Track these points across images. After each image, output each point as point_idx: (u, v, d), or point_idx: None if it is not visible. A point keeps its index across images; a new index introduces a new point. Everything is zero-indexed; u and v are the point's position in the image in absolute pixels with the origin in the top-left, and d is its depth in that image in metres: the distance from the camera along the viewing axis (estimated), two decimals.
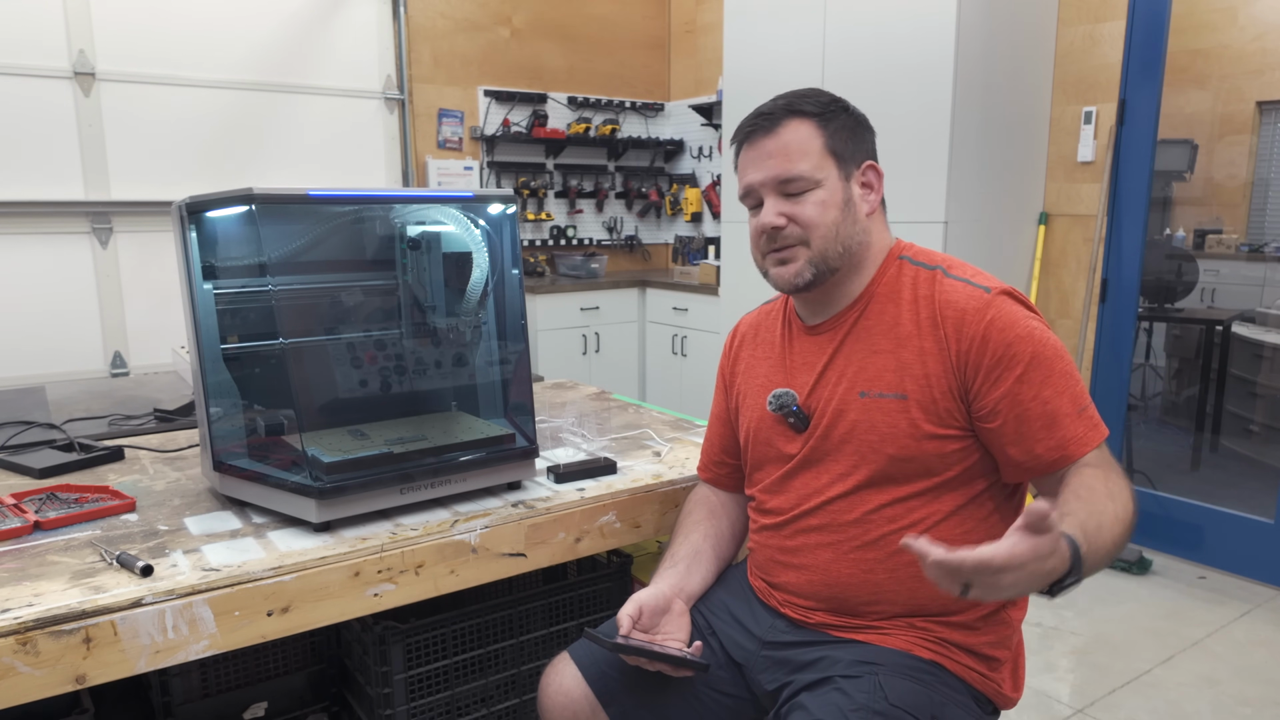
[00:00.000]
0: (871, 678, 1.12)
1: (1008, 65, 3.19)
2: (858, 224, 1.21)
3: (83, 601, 1.00)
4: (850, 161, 1.22)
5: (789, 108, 1.21)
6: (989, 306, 1.13)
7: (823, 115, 1.21)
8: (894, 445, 1.16)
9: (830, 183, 1.19)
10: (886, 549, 1.18)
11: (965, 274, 1.19)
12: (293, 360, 1.32)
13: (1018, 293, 1.17)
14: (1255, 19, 3.39)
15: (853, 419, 1.20)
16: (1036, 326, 1.13)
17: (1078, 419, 1.11)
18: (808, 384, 1.26)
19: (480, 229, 1.42)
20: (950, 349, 1.15)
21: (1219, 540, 3.15)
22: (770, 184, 1.20)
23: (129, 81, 3.68)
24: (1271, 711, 2.27)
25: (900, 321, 1.19)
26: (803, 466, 1.25)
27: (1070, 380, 1.12)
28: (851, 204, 1.21)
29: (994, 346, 1.12)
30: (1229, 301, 3.71)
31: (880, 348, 1.20)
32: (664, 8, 5.29)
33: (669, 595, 1.28)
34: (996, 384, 1.12)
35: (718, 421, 1.45)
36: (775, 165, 1.19)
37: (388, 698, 1.35)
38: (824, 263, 1.19)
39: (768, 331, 1.38)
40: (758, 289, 1.36)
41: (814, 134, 1.19)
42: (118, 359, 3.79)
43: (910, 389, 1.16)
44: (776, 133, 1.20)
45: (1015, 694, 1.23)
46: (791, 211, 1.19)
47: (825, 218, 1.18)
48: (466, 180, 4.60)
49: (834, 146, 1.20)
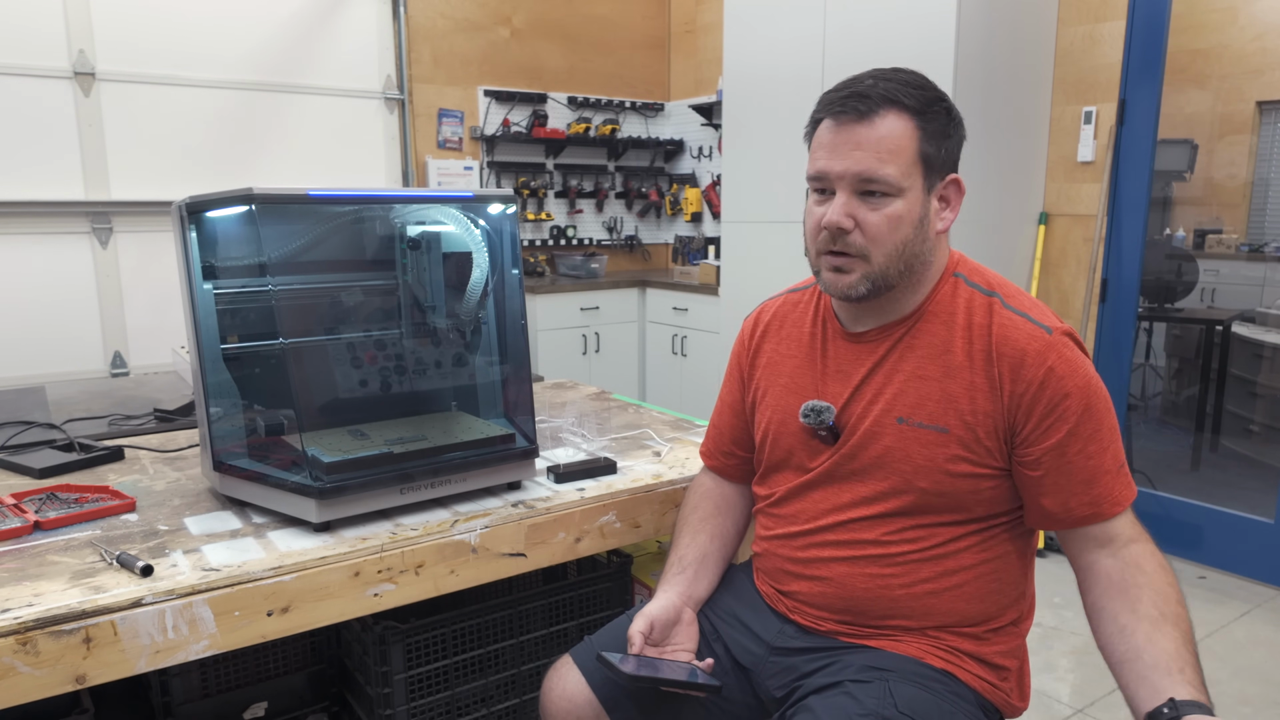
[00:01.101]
0: (881, 683, 1.10)
1: (1008, 65, 3.19)
2: (927, 242, 1.12)
3: (83, 601, 1.00)
4: (937, 172, 1.11)
5: (889, 96, 1.08)
6: (1049, 350, 1.07)
7: (924, 113, 1.09)
8: (927, 479, 1.12)
9: (912, 194, 1.09)
10: (905, 567, 1.15)
11: (1024, 306, 1.12)
12: (293, 360, 1.32)
13: (1075, 334, 1.11)
14: (1255, 19, 3.39)
15: (887, 444, 1.14)
16: (1092, 376, 1.09)
17: (1116, 477, 1.08)
18: (841, 395, 1.19)
19: (480, 229, 1.42)
20: (1004, 390, 1.09)
21: (1219, 540, 3.15)
22: (849, 179, 1.09)
23: (129, 81, 3.68)
24: (1271, 711, 2.27)
25: (952, 349, 1.12)
26: (825, 481, 1.21)
27: (1114, 435, 1.09)
28: (926, 221, 1.11)
29: (1050, 395, 1.07)
30: (1229, 301, 3.71)
31: (927, 373, 1.13)
32: (664, 8, 5.29)
33: (679, 605, 1.25)
34: (1047, 434, 1.07)
35: (729, 411, 1.37)
36: (861, 160, 1.07)
37: (388, 698, 1.35)
38: (883, 279, 1.11)
39: (795, 326, 1.29)
40: (758, 289, 1.34)
41: (911, 133, 1.08)
42: (118, 359, 3.79)
43: (953, 423, 1.10)
44: (872, 122, 1.07)
45: (1023, 704, 1.21)
46: (862, 217, 1.09)
47: (895, 235, 1.08)
48: (466, 180, 4.60)
49: (926, 152, 1.09)
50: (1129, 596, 1.05)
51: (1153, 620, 1.02)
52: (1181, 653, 0.99)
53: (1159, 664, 0.98)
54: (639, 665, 1.17)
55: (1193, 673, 0.97)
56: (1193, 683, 0.96)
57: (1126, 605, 1.04)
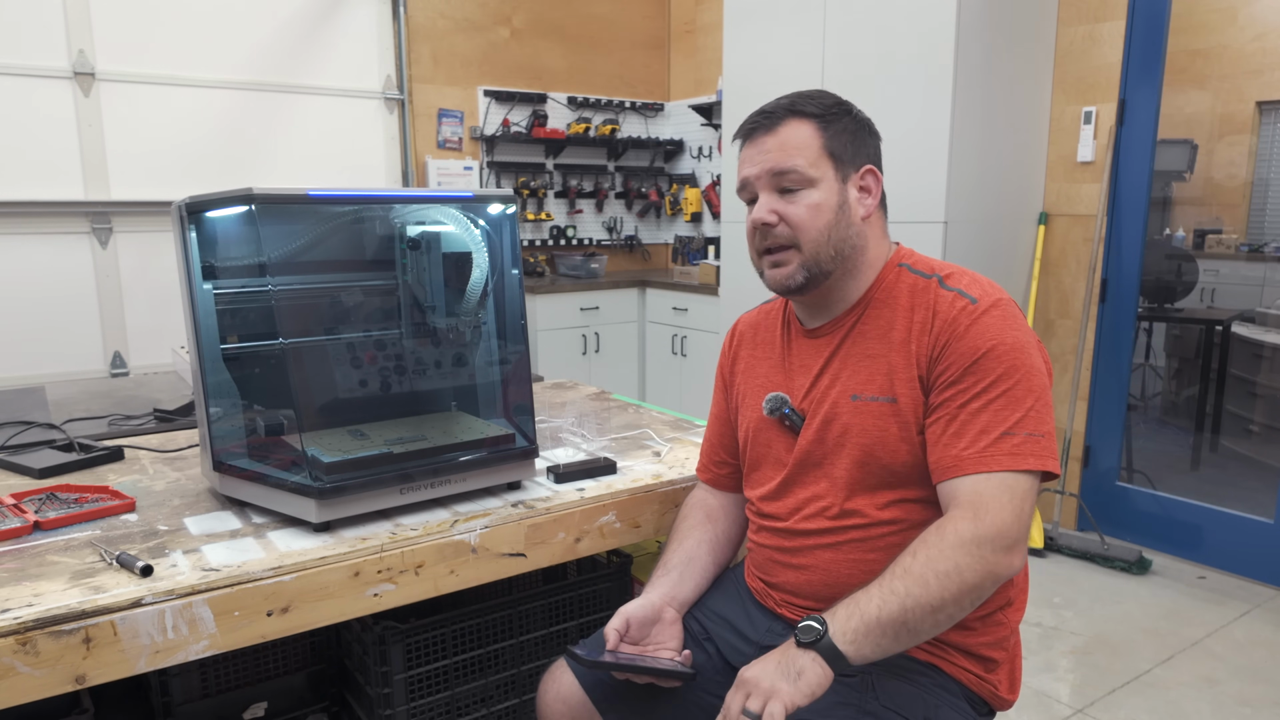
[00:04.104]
0: (865, 677, 1.12)
1: (1007, 65, 3.19)
2: (852, 227, 1.21)
3: (82, 601, 1.00)
4: (849, 164, 1.21)
5: (791, 107, 1.21)
6: (970, 315, 1.13)
7: (824, 117, 1.21)
8: (884, 449, 1.16)
9: (825, 184, 1.19)
10: (889, 550, 1.16)
11: (961, 284, 1.17)
12: (293, 360, 1.32)
13: (1006, 305, 1.14)
14: (1255, 19, 3.39)
15: (845, 422, 1.20)
16: (1011, 341, 1.10)
17: (997, 440, 1.07)
18: (804, 386, 1.26)
19: (480, 229, 1.42)
20: (934, 353, 1.14)
21: (1219, 540, 3.15)
22: (764, 177, 1.20)
23: (129, 81, 3.68)
24: (1271, 711, 2.27)
25: (895, 326, 1.19)
26: (800, 470, 1.25)
27: (1016, 405, 1.08)
28: (847, 207, 1.20)
29: (959, 353, 1.11)
30: (1229, 301, 3.71)
31: (874, 352, 1.20)
32: (664, 8, 5.29)
33: (659, 605, 1.27)
34: (944, 389, 1.12)
35: (717, 421, 1.44)
36: (771, 158, 1.19)
37: (388, 698, 1.35)
38: (816, 265, 1.19)
39: (767, 332, 1.38)
40: (757, 289, 1.36)
41: (813, 134, 1.20)
42: (118, 359, 3.79)
43: (900, 392, 1.16)
44: (776, 130, 1.20)
45: (1012, 696, 1.23)
46: (783, 210, 1.19)
47: (817, 220, 1.18)
48: (466, 180, 4.60)
49: (833, 148, 1.20)
50: (911, 548, 1.06)
51: (892, 572, 1.04)
52: (869, 603, 1.01)
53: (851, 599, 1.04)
54: (614, 660, 1.18)
55: (854, 619, 1.00)
56: (844, 620, 1.00)
57: (907, 552, 1.06)
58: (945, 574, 1.01)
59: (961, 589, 1.01)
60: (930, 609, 1.01)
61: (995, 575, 1.03)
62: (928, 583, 1.01)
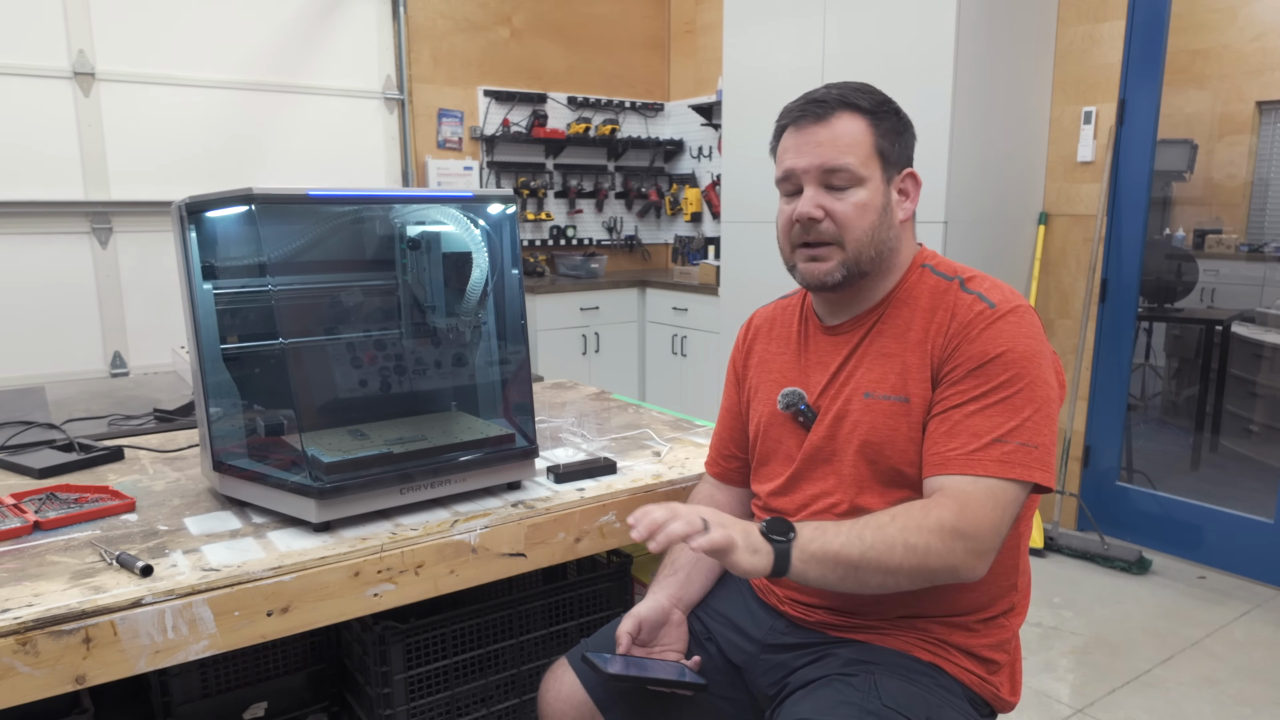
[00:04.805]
0: (867, 676, 1.11)
1: (1007, 65, 3.19)
2: (892, 229, 1.19)
3: (82, 601, 1.00)
4: (894, 165, 1.20)
5: (843, 99, 1.18)
6: (982, 318, 1.12)
7: (875, 113, 1.19)
8: (893, 448, 1.16)
9: (873, 184, 1.17)
10: None
11: (982, 288, 1.17)
12: (293, 360, 1.32)
13: (1024, 312, 1.13)
14: (1255, 19, 3.39)
15: (855, 420, 1.19)
16: (1024, 348, 1.09)
17: (988, 446, 1.07)
18: (820, 383, 1.25)
19: (480, 229, 1.42)
20: (947, 354, 1.14)
21: (1219, 540, 3.15)
22: (814, 172, 1.17)
23: (129, 81, 3.68)
24: (1271, 711, 2.27)
25: (913, 326, 1.18)
26: (809, 465, 1.24)
27: (1014, 413, 1.07)
28: (889, 209, 1.19)
29: (968, 355, 1.11)
30: (1229, 301, 3.72)
31: (890, 351, 1.19)
32: (664, 8, 5.29)
33: (667, 607, 1.27)
34: (947, 388, 1.12)
35: (728, 415, 1.43)
36: (823, 153, 1.16)
37: (388, 698, 1.35)
38: (856, 265, 1.18)
39: (783, 326, 1.36)
40: (757, 289, 1.36)
41: (865, 130, 1.17)
42: (118, 359, 3.79)
43: (913, 392, 1.15)
44: (828, 122, 1.17)
45: (1013, 698, 1.23)
46: (830, 206, 1.17)
47: (863, 220, 1.16)
48: (466, 180, 4.60)
49: (882, 147, 1.18)
50: (891, 510, 1.07)
51: (866, 522, 1.05)
52: (835, 537, 1.03)
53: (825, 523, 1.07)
54: (625, 665, 1.18)
55: (815, 542, 1.02)
56: (807, 540, 1.03)
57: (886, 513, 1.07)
58: (913, 548, 1.02)
59: (921, 568, 1.03)
60: (885, 570, 1.03)
61: (956, 573, 1.04)
62: (894, 547, 1.02)
